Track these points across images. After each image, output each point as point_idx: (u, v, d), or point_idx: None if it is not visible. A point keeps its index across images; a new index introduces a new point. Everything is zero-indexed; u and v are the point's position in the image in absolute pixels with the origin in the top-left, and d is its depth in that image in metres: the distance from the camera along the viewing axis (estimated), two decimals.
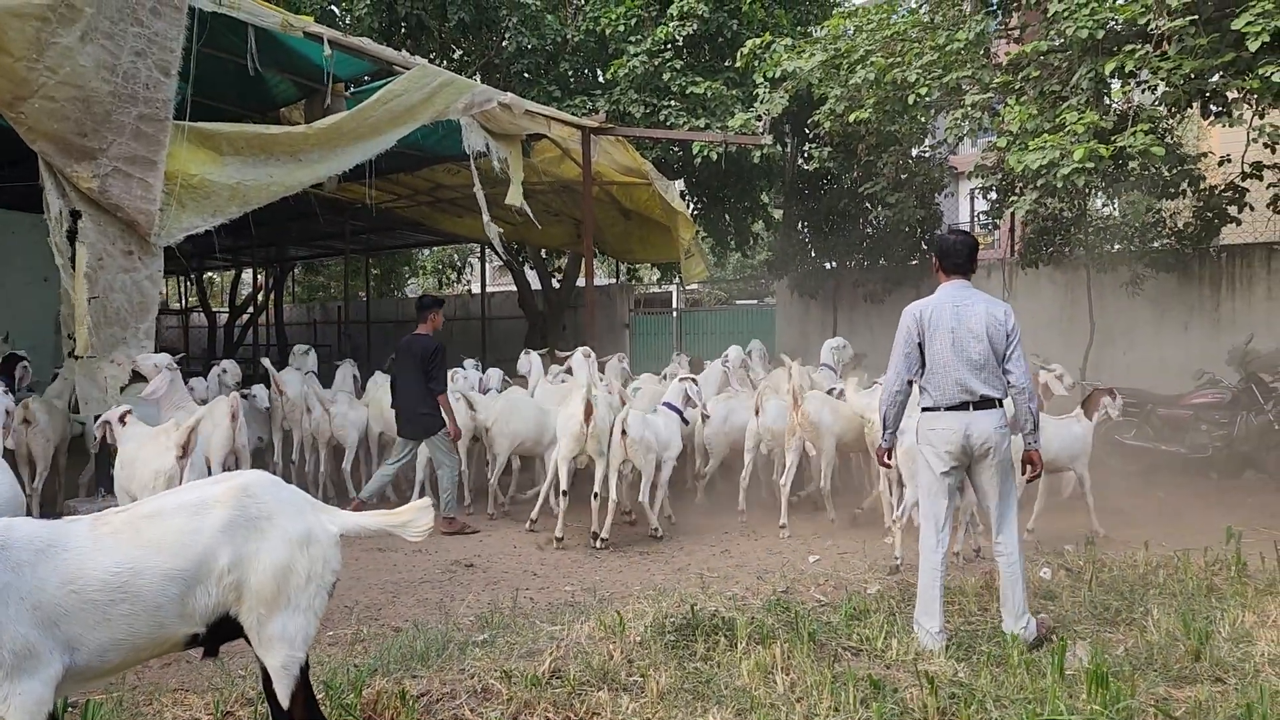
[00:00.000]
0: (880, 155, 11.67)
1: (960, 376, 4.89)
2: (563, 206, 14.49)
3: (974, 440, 4.90)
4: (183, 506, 3.09)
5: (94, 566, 2.86)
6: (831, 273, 15.03)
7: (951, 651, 4.59)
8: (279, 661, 3.16)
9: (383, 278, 27.96)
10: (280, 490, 3.32)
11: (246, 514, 3.12)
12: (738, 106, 12.18)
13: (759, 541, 7.63)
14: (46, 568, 2.80)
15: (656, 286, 25.74)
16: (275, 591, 3.12)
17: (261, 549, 3.11)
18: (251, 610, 3.11)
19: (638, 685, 4.28)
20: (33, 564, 2.77)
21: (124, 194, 7.14)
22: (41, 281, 12.88)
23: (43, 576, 2.78)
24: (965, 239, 5.19)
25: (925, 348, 4.99)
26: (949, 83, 9.47)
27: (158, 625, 2.97)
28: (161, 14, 7.35)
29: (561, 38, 13.67)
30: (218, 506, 3.10)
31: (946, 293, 5.04)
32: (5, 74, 6.54)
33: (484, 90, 9.86)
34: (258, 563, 3.10)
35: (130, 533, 2.97)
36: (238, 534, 3.08)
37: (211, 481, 3.33)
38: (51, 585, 2.78)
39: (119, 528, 2.98)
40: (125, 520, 3.02)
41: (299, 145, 8.40)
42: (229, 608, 3.10)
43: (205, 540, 3.03)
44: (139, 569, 2.91)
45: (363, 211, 16.32)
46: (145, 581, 2.91)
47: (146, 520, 3.02)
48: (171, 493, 3.26)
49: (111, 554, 2.90)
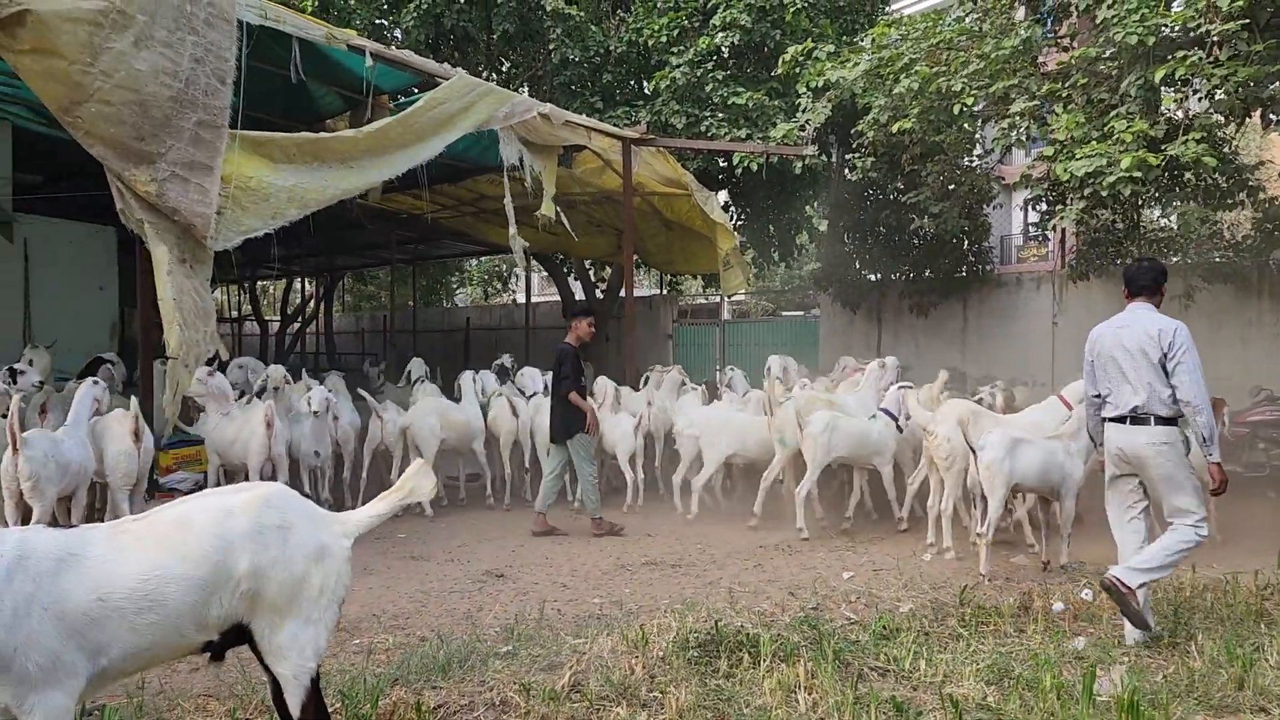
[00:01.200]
0: (925, 165, 11.49)
1: (1119, 391, 5.20)
2: (604, 217, 14.50)
3: (1127, 453, 5.20)
4: (205, 514, 3.09)
5: (121, 574, 2.86)
6: (876, 284, 14.84)
7: (981, 674, 4.46)
8: (290, 671, 3.17)
9: (429, 287, 28.25)
10: (298, 502, 3.34)
11: (266, 524, 3.13)
12: (780, 117, 12.08)
13: (794, 556, 7.52)
14: (70, 577, 2.78)
15: (702, 297, 25.66)
16: (289, 602, 3.14)
17: (278, 560, 3.11)
18: (264, 619, 3.12)
19: (657, 701, 4.22)
20: (54, 574, 2.75)
21: (181, 198, 7.19)
22: (98, 290, 13.24)
23: (66, 586, 2.76)
24: (1149, 266, 5.47)
25: (1095, 365, 5.34)
26: (995, 92, 9.30)
27: (178, 633, 2.98)
28: (214, 25, 7.47)
29: (604, 49, 13.69)
30: (239, 515, 3.10)
31: (1123, 314, 5.35)
32: (59, 78, 6.66)
33: (524, 101, 9.91)
34: (274, 573, 3.10)
35: (154, 540, 2.97)
36: (256, 543, 3.08)
37: (231, 490, 3.35)
38: (77, 595, 2.77)
39: (141, 535, 2.98)
40: (147, 527, 3.02)
41: (349, 150, 8.48)
42: (241, 616, 3.10)
43: (226, 548, 3.03)
44: (166, 576, 2.91)
45: (410, 222, 16.56)
46: (172, 589, 2.92)
47: (170, 527, 3.02)
48: (192, 499, 3.26)
49: (137, 561, 2.90)
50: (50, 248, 12.68)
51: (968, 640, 5.07)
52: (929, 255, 13.89)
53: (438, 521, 8.82)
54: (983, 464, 6.56)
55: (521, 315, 21.13)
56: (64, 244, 12.78)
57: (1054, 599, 5.86)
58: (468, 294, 34.06)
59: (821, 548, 7.81)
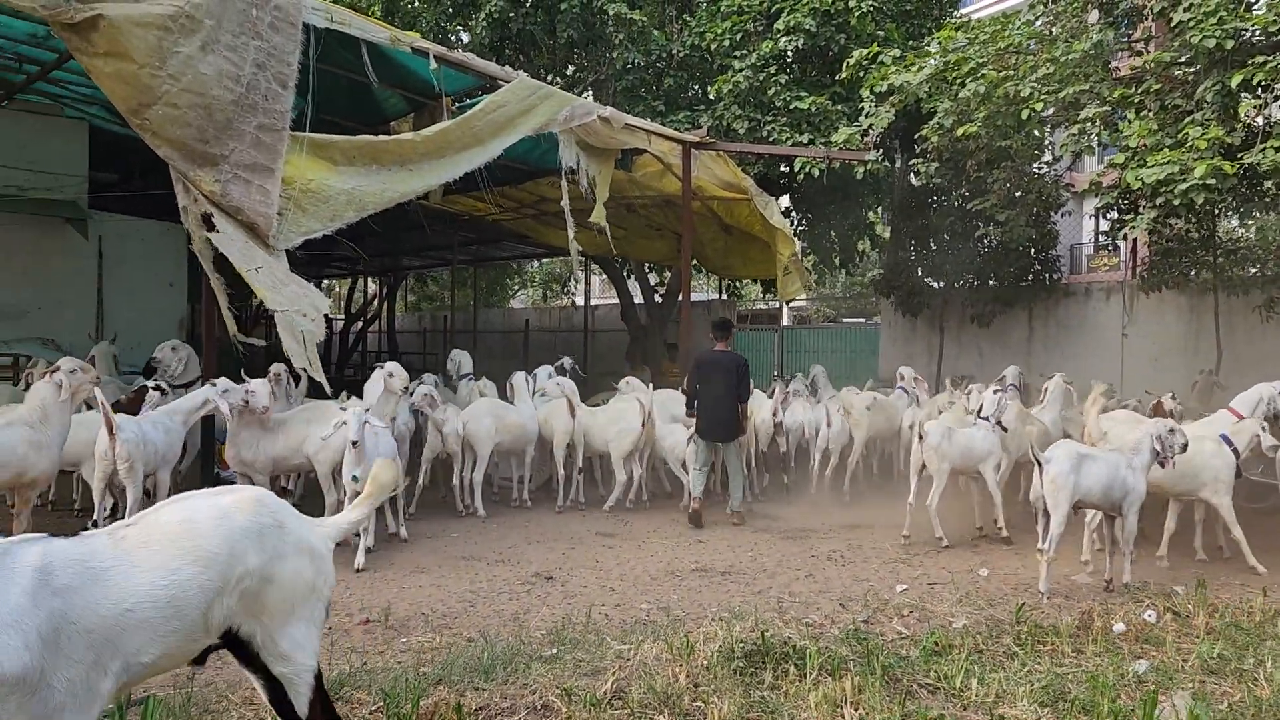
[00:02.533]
0: (991, 171, 11.26)
1: None
2: (664, 221, 14.47)
3: None
4: (205, 515, 2.99)
5: (141, 583, 2.74)
6: (939, 292, 14.57)
7: (1035, 696, 4.33)
8: (293, 671, 3.14)
9: (488, 289, 28.50)
10: (284, 504, 3.30)
11: (264, 524, 3.08)
12: (843, 121, 11.94)
13: (846, 567, 7.40)
14: (94, 589, 2.63)
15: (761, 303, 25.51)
16: (285, 604, 3.10)
17: (274, 561, 3.07)
18: (261, 623, 3.06)
19: (700, 711, 4.17)
20: (79, 587, 2.59)
21: (244, 198, 7.35)
22: (167, 286, 13.61)
23: (92, 599, 2.61)
24: None
25: None
26: (1065, 97, 9.08)
27: (190, 640, 2.90)
28: (279, 29, 7.62)
29: (667, 53, 13.67)
30: (238, 515, 3.04)
31: None
32: (130, 81, 6.84)
33: (584, 104, 9.93)
34: (276, 574, 3.06)
35: (161, 543, 2.85)
36: (258, 544, 3.03)
37: (212, 493, 3.23)
38: (104, 607, 2.63)
39: (147, 540, 2.85)
40: (147, 530, 2.90)
41: (408, 153, 8.58)
42: (236, 619, 3.02)
43: (232, 550, 2.96)
44: (183, 582, 2.82)
45: (470, 223, 16.71)
46: (190, 595, 2.83)
47: (174, 529, 2.91)
48: (184, 500, 3.13)
49: (153, 568, 2.79)
50: (123, 245, 13.08)
51: (1022, 660, 4.93)
52: (994, 263, 13.60)
53: (489, 522, 8.86)
54: (1048, 478, 6.39)
55: (580, 318, 21.22)
56: (136, 241, 13.16)
57: (1115, 619, 5.67)
58: (527, 296, 34.31)
59: (875, 559, 7.67)
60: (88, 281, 12.87)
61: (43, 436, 6.40)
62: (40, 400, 6.47)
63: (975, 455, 8.21)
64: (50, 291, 12.42)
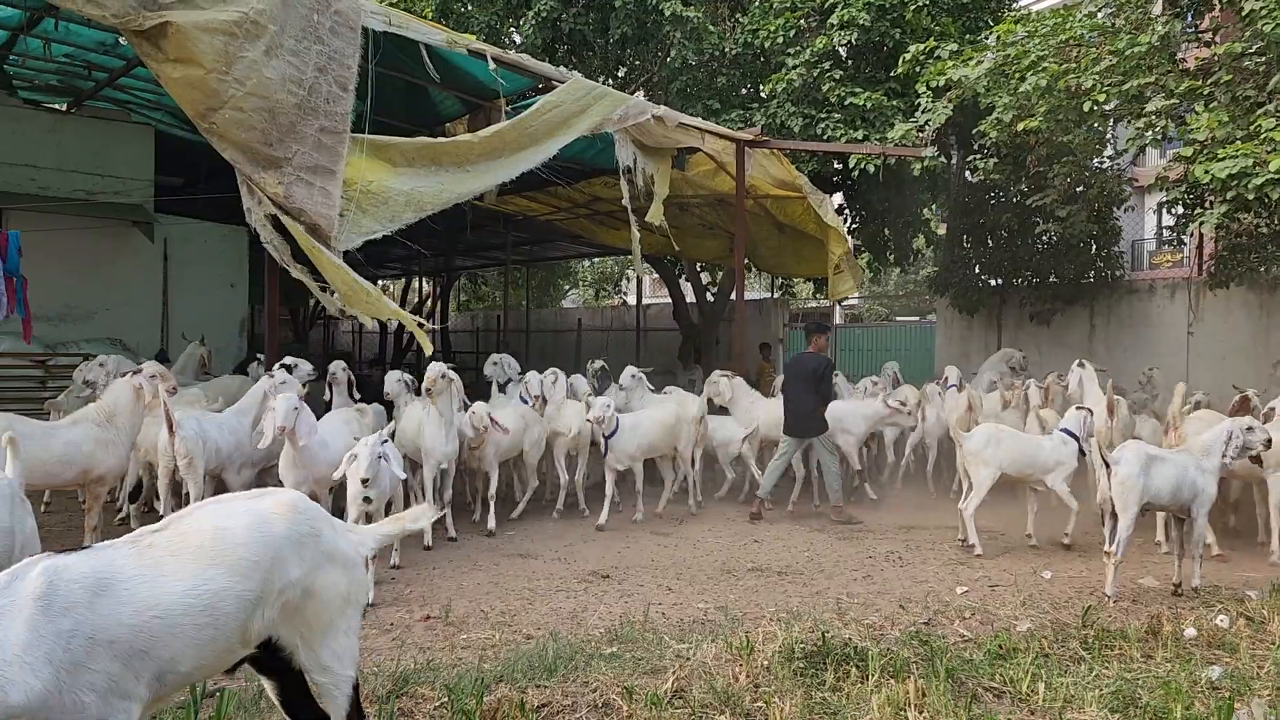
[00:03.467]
0: (1051, 166, 11.05)
1: None
2: (717, 220, 14.43)
3: None
4: (242, 521, 2.92)
5: (167, 591, 2.67)
6: (996, 290, 14.34)
7: (1104, 701, 4.24)
8: (332, 681, 3.11)
9: (541, 288, 28.66)
10: (319, 509, 3.25)
11: (301, 533, 3.02)
12: (898, 117, 11.80)
13: (904, 569, 7.32)
14: (108, 601, 2.56)
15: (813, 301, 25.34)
16: (325, 615, 3.06)
17: (313, 570, 3.02)
18: (301, 633, 3.02)
19: (761, 712, 4.15)
20: (89, 602, 2.52)
21: (306, 200, 7.45)
22: (229, 288, 13.89)
23: (107, 610, 2.55)
24: None
25: None
26: (1129, 90, 8.88)
27: (227, 651, 2.85)
28: (339, 33, 7.73)
29: (720, 51, 13.62)
30: (277, 521, 2.97)
31: None
32: (198, 86, 6.98)
33: (638, 103, 9.94)
34: (316, 583, 3.02)
35: (193, 549, 2.78)
36: (299, 552, 2.98)
37: (248, 497, 3.16)
38: (124, 616, 2.56)
39: (177, 547, 2.78)
40: (177, 536, 2.82)
41: (465, 154, 8.65)
42: (275, 630, 2.97)
43: (274, 557, 2.90)
44: (218, 591, 2.75)
45: (524, 223, 16.83)
46: (225, 604, 2.76)
47: (208, 536, 2.84)
48: (220, 504, 3.08)
49: (184, 577, 2.72)
50: (187, 247, 13.38)
51: (1090, 664, 4.84)
52: (1054, 260, 13.35)
53: (544, 520, 8.90)
54: (1116, 480, 6.25)
55: (632, 317, 21.25)
56: (199, 243, 13.45)
57: (1185, 624, 5.53)
58: (579, 295, 34.45)
59: (934, 560, 7.57)
60: (153, 283, 13.19)
61: (110, 435, 6.57)
62: (114, 399, 6.65)
63: (1038, 464, 7.90)
64: (117, 293, 12.74)
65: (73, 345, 11.40)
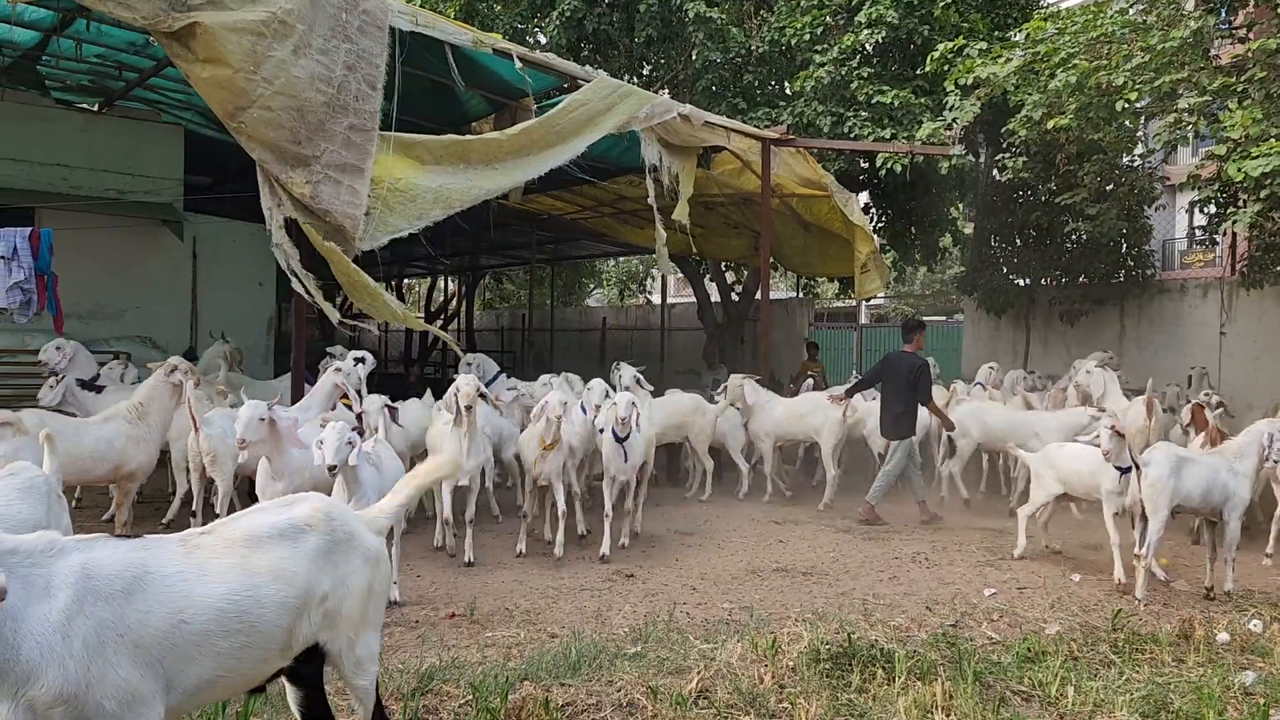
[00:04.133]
0: (1081, 165, 10.92)
1: None
2: (742, 219, 14.39)
3: None
4: (280, 531, 2.94)
5: (205, 594, 2.63)
6: (1025, 290, 14.20)
7: (1135, 705, 4.18)
8: (366, 681, 3.18)
9: (565, 288, 28.69)
10: (347, 510, 3.32)
11: (335, 537, 3.05)
12: (926, 115, 11.71)
13: (931, 570, 7.25)
14: (145, 598, 2.50)
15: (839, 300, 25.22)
16: (362, 613, 3.10)
17: (350, 572, 3.05)
18: (343, 635, 3.05)
19: (786, 713, 4.13)
20: (127, 595, 2.47)
21: (333, 199, 7.51)
22: (257, 286, 13.99)
23: (142, 609, 2.49)
24: None
25: None
26: (1161, 86, 8.75)
27: (261, 660, 2.81)
28: (367, 32, 7.77)
29: (746, 50, 13.58)
30: (311, 531, 2.99)
31: None
32: (226, 86, 7.04)
33: (664, 102, 9.92)
34: (349, 586, 3.05)
35: (236, 556, 2.77)
36: (331, 559, 3.01)
37: (285, 503, 3.17)
38: (156, 618, 2.50)
39: (220, 550, 2.77)
40: (223, 542, 2.82)
41: (493, 152, 8.67)
42: (318, 636, 3.00)
43: (309, 567, 2.93)
44: (258, 598, 2.74)
45: (549, 222, 16.85)
46: (263, 611, 2.74)
47: (248, 544, 2.84)
48: (256, 514, 3.07)
49: (223, 580, 2.69)
50: (215, 246, 13.49)
51: (1120, 668, 4.78)
52: (1083, 259, 13.21)
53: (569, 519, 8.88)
54: (1147, 482, 6.18)
55: (657, 316, 21.23)
56: (228, 242, 13.56)
57: (1218, 629, 5.45)
58: (603, 294, 34.48)
59: (961, 562, 7.51)
60: (183, 281, 13.31)
61: (141, 431, 6.64)
62: (148, 395, 6.72)
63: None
64: (147, 291, 12.87)
65: (103, 343, 11.51)
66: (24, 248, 8.94)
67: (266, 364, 13.28)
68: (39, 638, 2.30)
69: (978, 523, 9.01)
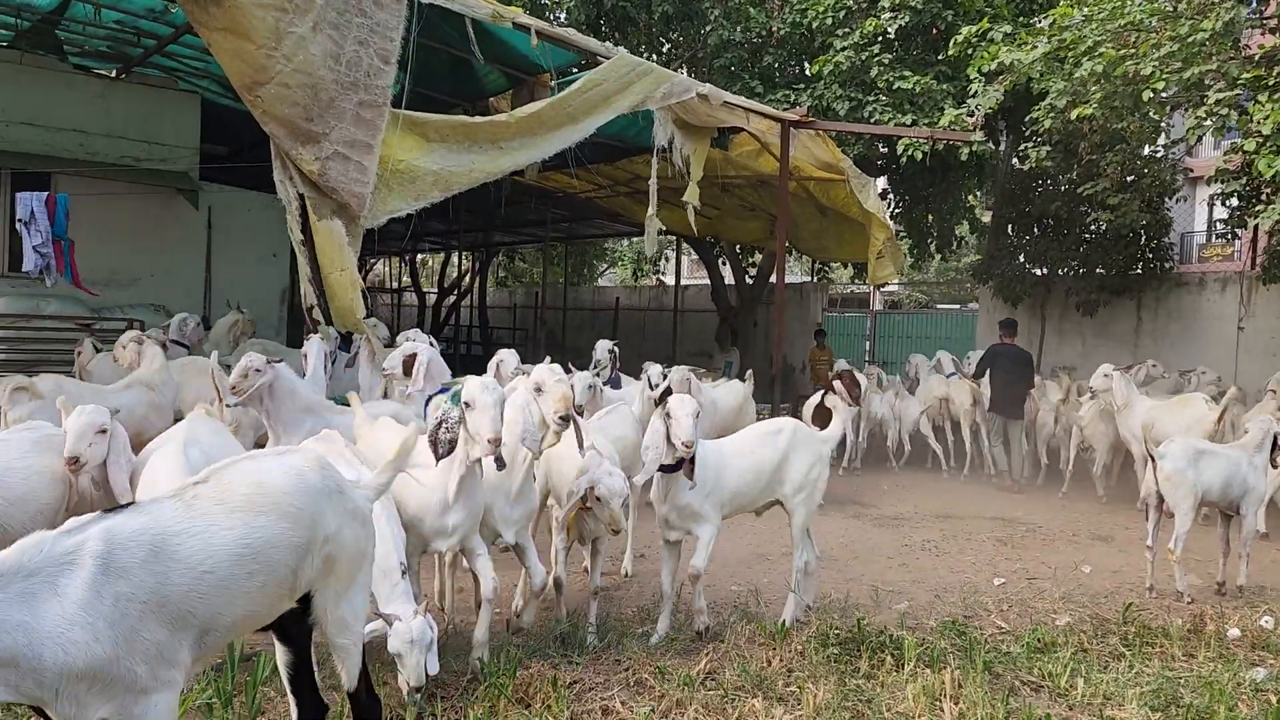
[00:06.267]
0: (1104, 155, 10.81)
1: None
2: (758, 201, 14.29)
3: None
4: (281, 472, 2.92)
5: (221, 542, 2.64)
6: (1042, 279, 14.11)
7: (1145, 699, 4.16)
8: (351, 641, 3.14)
9: (576, 268, 28.62)
10: (337, 469, 3.24)
11: (330, 488, 3.02)
12: (948, 102, 11.59)
13: (941, 558, 7.24)
14: (161, 559, 2.50)
15: (852, 286, 25.12)
16: (350, 570, 3.06)
17: (344, 523, 3.02)
18: (330, 588, 3.02)
19: (794, 696, 4.12)
20: (147, 561, 2.47)
21: (341, 176, 7.49)
22: (271, 257, 13.98)
23: (162, 570, 2.49)
24: None
25: None
26: (1189, 77, 8.63)
27: (277, 598, 2.84)
28: (383, 5, 7.69)
29: (767, 30, 13.45)
30: (310, 474, 2.98)
31: None
32: (247, 60, 7.00)
33: (683, 81, 9.82)
34: (346, 536, 3.02)
35: (240, 499, 2.75)
36: (329, 505, 2.98)
37: (279, 453, 3.19)
38: (176, 575, 2.51)
39: (224, 497, 2.74)
40: (223, 488, 2.78)
41: (500, 133, 8.61)
42: (314, 584, 2.98)
43: (314, 509, 2.91)
44: (270, 537, 2.74)
45: (564, 200, 16.77)
46: (278, 550, 2.76)
47: (251, 486, 2.81)
48: (254, 459, 3.04)
49: (232, 524, 2.69)
50: (230, 216, 13.46)
51: (1130, 661, 4.75)
52: (1101, 250, 13.10)
53: None
54: (1163, 474, 6.12)
55: (670, 297, 21.18)
56: (242, 212, 13.52)
57: (1229, 624, 5.42)
58: (615, 275, 34.40)
59: (971, 551, 7.48)
60: (197, 251, 13.29)
61: (160, 399, 6.64)
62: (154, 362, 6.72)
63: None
64: (162, 260, 12.86)
65: (118, 310, 11.53)
66: (41, 211, 8.94)
67: (279, 335, 13.26)
68: (58, 639, 2.28)
69: (988, 512, 8.97)
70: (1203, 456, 6.14)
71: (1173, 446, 6.18)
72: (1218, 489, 6.15)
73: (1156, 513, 6.24)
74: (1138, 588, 6.34)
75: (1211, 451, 6.24)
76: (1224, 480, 6.14)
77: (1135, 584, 6.44)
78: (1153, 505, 6.27)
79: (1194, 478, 6.06)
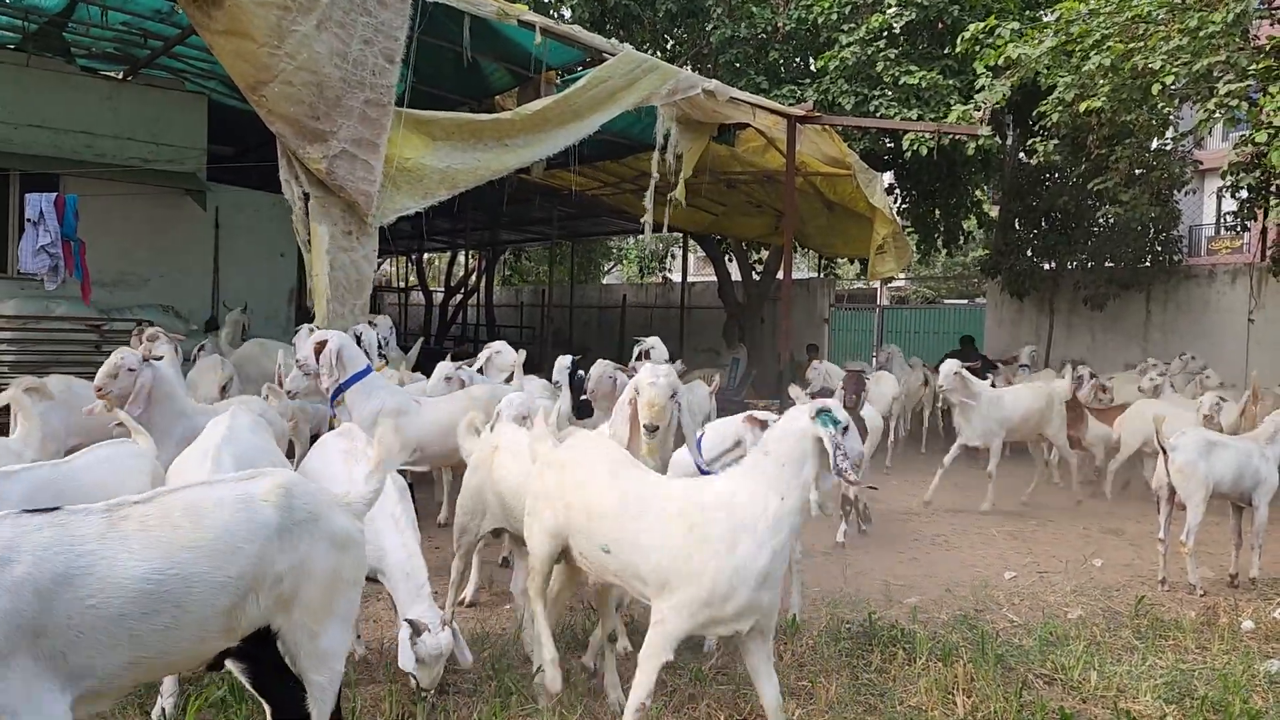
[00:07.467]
0: (1113, 148, 10.77)
1: None
2: (765, 197, 14.27)
3: None
4: (222, 505, 2.65)
5: (123, 573, 2.36)
6: (1049, 274, 14.08)
7: (1158, 691, 4.14)
8: (325, 678, 2.86)
9: (581, 265, 28.62)
10: (316, 489, 3.02)
11: (295, 516, 2.76)
12: (954, 97, 11.55)
13: (952, 552, 7.22)
14: (59, 583, 2.26)
15: (859, 282, 25.08)
16: (324, 601, 2.81)
17: (312, 554, 2.77)
18: (298, 622, 2.77)
19: (806, 691, 4.12)
20: (43, 579, 2.23)
21: (348, 175, 7.50)
22: (278, 257, 14.01)
23: (53, 591, 2.24)
24: None
25: None
26: (1199, 70, 8.58)
27: (199, 640, 2.56)
28: (387, 4, 7.69)
29: (772, 26, 13.43)
30: (265, 506, 2.71)
31: None
32: (250, 59, 7.01)
33: (689, 76, 9.80)
34: (309, 570, 2.76)
35: (168, 529, 2.50)
36: (288, 540, 2.72)
37: (238, 479, 2.88)
38: (62, 603, 2.23)
39: (149, 523, 2.49)
40: (157, 512, 2.54)
41: (505, 131, 8.60)
42: (271, 619, 2.73)
43: (260, 543, 2.64)
44: (187, 575, 2.46)
45: (570, 198, 16.77)
46: (194, 589, 2.48)
47: (186, 515, 2.56)
48: (206, 486, 2.84)
49: (146, 556, 2.42)
50: (237, 216, 13.49)
51: (1143, 654, 4.74)
52: (1109, 244, 13.08)
53: None
54: (1174, 466, 6.09)
55: (677, 294, 21.17)
56: (250, 212, 13.55)
57: (1243, 616, 5.40)
58: (621, 272, 34.41)
59: (981, 544, 7.47)
60: (205, 251, 13.32)
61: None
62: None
63: None
64: (170, 260, 12.89)
65: (127, 311, 11.55)
66: (50, 212, 8.96)
67: (287, 335, 13.28)
68: None
69: (998, 506, 8.94)
70: (1214, 448, 6.12)
71: (1185, 438, 6.16)
72: (1229, 480, 6.12)
73: (1168, 505, 6.21)
74: (1150, 580, 6.31)
75: (1223, 443, 6.21)
76: (1235, 472, 6.11)
77: (1147, 577, 6.42)
78: (1164, 498, 6.24)
79: (1206, 469, 6.03)
